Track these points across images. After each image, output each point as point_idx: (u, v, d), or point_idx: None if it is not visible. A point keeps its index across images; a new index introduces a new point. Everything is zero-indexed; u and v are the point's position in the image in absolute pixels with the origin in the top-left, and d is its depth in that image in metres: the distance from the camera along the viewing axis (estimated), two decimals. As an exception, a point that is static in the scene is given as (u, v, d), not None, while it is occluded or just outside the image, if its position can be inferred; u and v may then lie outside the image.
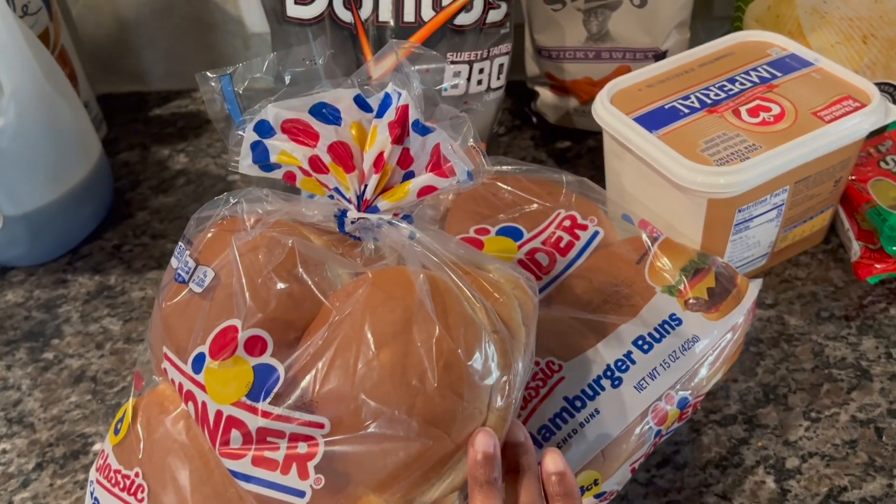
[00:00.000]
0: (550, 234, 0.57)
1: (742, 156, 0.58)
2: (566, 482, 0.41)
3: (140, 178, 0.86)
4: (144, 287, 0.73)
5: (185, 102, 0.96)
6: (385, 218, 0.46)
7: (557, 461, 0.42)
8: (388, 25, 0.64)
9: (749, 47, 0.69)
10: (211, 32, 0.94)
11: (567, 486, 0.41)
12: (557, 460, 0.42)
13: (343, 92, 0.46)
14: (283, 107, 0.45)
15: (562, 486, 0.41)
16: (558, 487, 0.41)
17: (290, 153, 0.45)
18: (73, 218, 0.76)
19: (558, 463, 0.41)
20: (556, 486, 0.41)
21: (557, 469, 0.41)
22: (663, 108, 0.63)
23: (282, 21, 0.65)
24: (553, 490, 0.41)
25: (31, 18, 0.79)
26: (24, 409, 0.63)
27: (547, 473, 0.41)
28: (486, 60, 0.66)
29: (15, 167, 0.69)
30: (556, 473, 0.41)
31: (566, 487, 0.41)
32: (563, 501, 0.40)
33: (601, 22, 0.73)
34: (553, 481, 0.41)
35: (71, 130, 0.74)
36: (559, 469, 0.41)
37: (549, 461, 0.42)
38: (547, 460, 0.42)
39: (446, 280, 0.43)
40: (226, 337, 0.42)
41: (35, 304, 0.72)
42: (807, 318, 0.64)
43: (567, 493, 0.41)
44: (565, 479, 0.41)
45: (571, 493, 0.41)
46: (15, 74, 0.67)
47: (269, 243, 0.45)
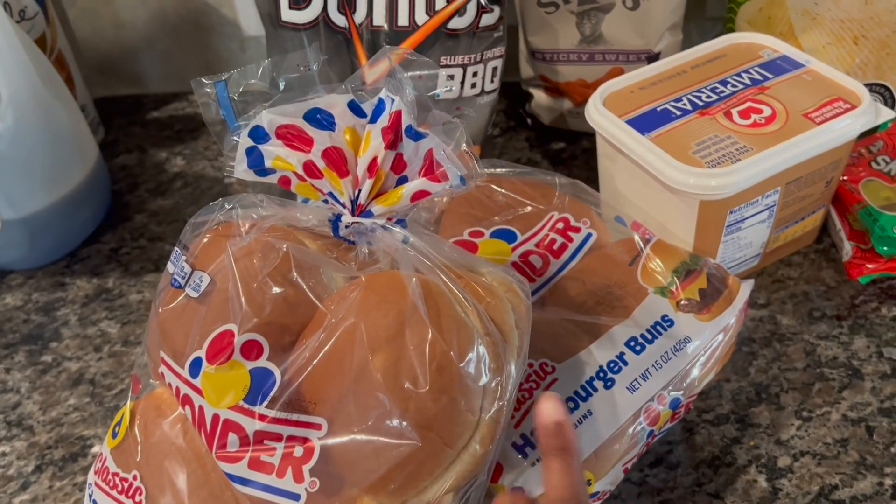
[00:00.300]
0: (544, 237, 0.58)
1: (733, 157, 0.58)
2: (564, 435, 0.40)
3: (138, 181, 0.86)
4: (142, 290, 0.73)
5: (182, 105, 0.97)
6: (379, 222, 0.47)
7: (557, 409, 0.41)
8: (383, 29, 0.65)
9: (741, 49, 0.69)
10: (207, 35, 0.94)
11: (565, 439, 0.40)
12: (557, 408, 0.41)
13: (337, 97, 0.47)
14: (277, 112, 0.46)
15: (560, 438, 0.40)
16: (556, 440, 0.40)
17: (284, 158, 0.46)
18: (71, 221, 0.76)
19: (558, 411, 0.40)
20: (552, 439, 0.40)
21: (557, 418, 0.40)
22: (655, 111, 0.64)
23: (276, 25, 0.65)
24: (550, 443, 0.40)
25: (28, 23, 0.80)
26: (24, 412, 0.64)
27: (545, 423, 0.40)
28: (479, 64, 0.66)
29: (13, 171, 0.69)
30: (556, 423, 0.40)
31: (564, 441, 0.40)
32: (561, 456, 0.39)
33: (594, 24, 0.74)
34: (550, 431, 0.40)
35: (68, 134, 0.74)
36: (558, 418, 0.40)
37: (548, 408, 0.41)
38: (545, 408, 0.41)
39: (439, 284, 0.43)
40: (222, 341, 0.43)
41: (34, 307, 0.73)
42: (799, 317, 0.64)
43: (564, 448, 0.40)
44: (563, 431, 0.40)
45: (568, 448, 0.40)
46: (12, 79, 0.67)
47: (263, 248, 0.46)
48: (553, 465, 0.39)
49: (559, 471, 0.39)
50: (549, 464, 0.39)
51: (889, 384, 0.59)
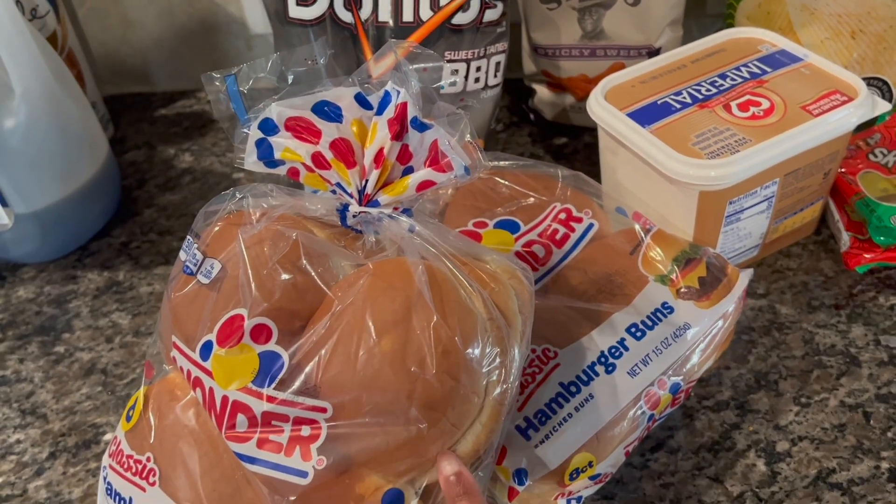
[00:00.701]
0: (546, 227, 0.59)
1: (732, 149, 0.60)
2: (464, 481, 0.42)
3: (147, 177, 0.87)
4: (152, 282, 0.75)
5: (189, 103, 0.98)
6: (385, 212, 0.48)
7: (453, 462, 0.43)
8: (388, 25, 0.66)
9: (740, 44, 0.70)
10: (214, 34, 0.96)
11: (466, 484, 0.42)
12: (453, 461, 0.43)
13: (344, 90, 0.48)
14: (286, 105, 0.47)
15: (460, 485, 0.42)
16: (458, 487, 0.42)
17: (293, 150, 0.47)
18: (82, 215, 0.78)
19: (454, 464, 0.42)
20: (455, 487, 0.42)
21: (454, 470, 0.42)
22: (656, 104, 0.65)
23: (284, 22, 0.66)
24: (453, 491, 0.42)
25: (40, 22, 0.81)
26: (37, 401, 0.65)
27: (445, 476, 0.42)
28: (483, 59, 0.68)
29: (25, 166, 0.71)
30: (454, 474, 0.42)
31: (465, 486, 0.42)
32: (466, 500, 0.42)
33: (595, 20, 0.75)
34: (452, 482, 0.42)
35: (79, 130, 0.76)
36: (455, 469, 0.42)
37: (445, 464, 0.42)
38: (443, 464, 0.43)
39: (444, 270, 0.45)
40: (232, 325, 0.44)
41: (46, 300, 0.74)
42: (798, 307, 0.65)
43: (467, 492, 0.42)
44: (462, 478, 0.42)
45: (471, 491, 0.42)
46: (25, 76, 0.69)
47: (273, 236, 0.47)
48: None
49: None
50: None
51: (886, 371, 0.60)
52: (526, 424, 0.50)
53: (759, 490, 0.54)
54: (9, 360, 0.69)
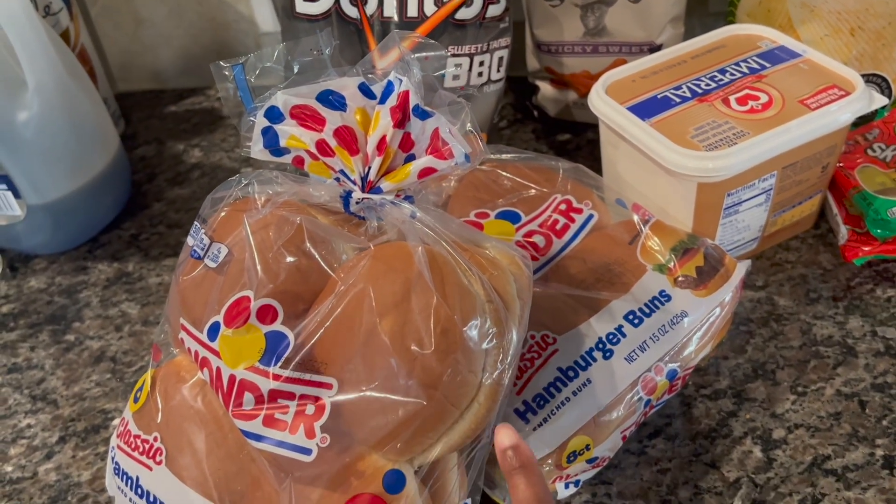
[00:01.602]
0: (547, 218, 0.60)
1: (730, 141, 0.61)
2: (521, 454, 0.43)
3: (156, 171, 0.89)
4: (161, 273, 0.76)
5: (199, 100, 1.00)
6: (388, 198, 0.49)
7: (511, 435, 0.43)
8: (392, 20, 0.67)
9: (740, 40, 0.71)
10: (224, 31, 0.97)
11: (523, 457, 0.43)
12: (511, 434, 0.43)
13: (348, 80, 0.50)
14: (291, 94, 0.48)
15: (518, 458, 0.43)
16: (515, 461, 0.42)
17: (298, 137, 0.48)
18: (93, 208, 0.79)
19: (511, 437, 0.43)
20: (512, 460, 0.42)
21: (512, 443, 0.43)
22: (656, 98, 0.66)
23: (291, 17, 0.68)
24: (510, 464, 0.42)
25: (53, 18, 0.83)
26: (48, 387, 0.66)
27: (502, 449, 0.43)
28: (486, 54, 0.69)
29: (38, 158, 0.72)
30: (511, 447, 0.43)
31: (522, 459, 0.43)
32: (522, 473, 0.42)
33: (598, 17, 0.76)
34: (509, 455, 0.43)
35: (91, 124, 0.77)
36: (513, 442, 0.43)
37: (503, 436, 0.43)
38: (500, 436, 0.43)
39: (444, 254, 0.46)
40: (239, 306, 0.45)
41: (57, 290, 0.76)
42: (796, 298, 0.66)
43: (523, 465, 0.42)
44: (520, 451, 0.43)
45: (528, 464, 0.42)
46: (39, 70, 0.70)
47: (279, 221, 0.48)
48: (517, 482, 0.42)
49: (524, 486, 0.42)
50: (513, 482, 0.42)
51: (882, 361, 0.61)
52: (524, 408, 0.51)
53: (755, 476, 0.55)
54: (20, 348, 0.70)
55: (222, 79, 0.51)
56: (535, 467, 0.43)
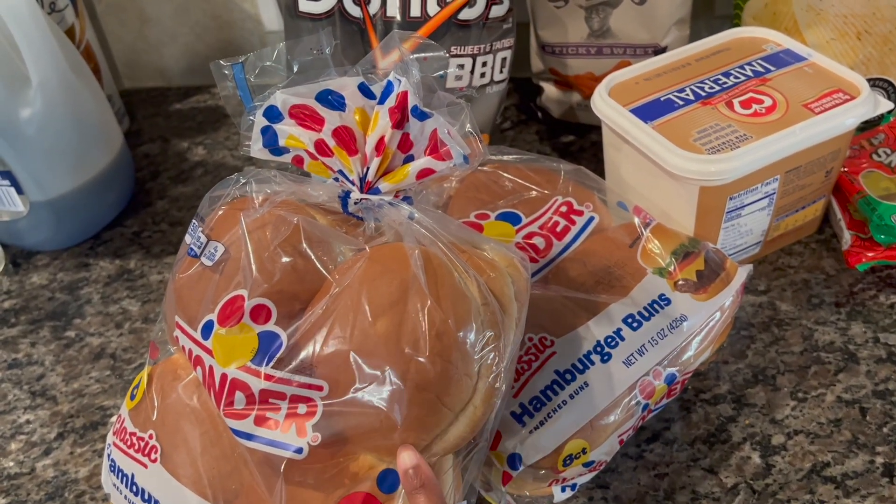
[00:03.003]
0: (548, 220, 0.60)
1: (733, 145, 0.60)
2: (421, 474, 0.43)
3: (160, 169, 0.89)
4: (162, 271, 0.76)
5: (203, 98, 1.00)
6: (386, 199, 0.49)
7: (412, 455, 0.43)
8: (395, 20, 0.67)
9: (745, 43, 0.71)
10: (229, 30, 0.97)
11: (423, 477, 0.43)
12: (411, 454, 0.43)
13: (348, 80, 0.49)
14: (290, 93, 0.48)
15: (418, 477, 0.43)
16: (415, 480, 0.43)
17: (297, 137, 0.48)
18: (96, 205, 0.79)
19: (412, 457, 0.43)
20: (413, 480, 0.43)
21: (412, 463, 0.43)
22: (659, 101, 0.65)
23: (294, 16, 0.68)
24: (411, 484, 0.43)
25: (58, 15, 0.83)
26: (47, 383, 0.67)
27: (404, 469, 0.43)
28: (488, 54, 0.69)
29: (41, 155, 0.72)
30: (412, 467, 0.43)
31: (422, 479, 0.43)
32: (423, 493, 0.42)
33: (602, 19, 0.76)
34: (410, 475, 0.43)
35: (95, 121, 0.77)
36: (414, 462, 0.43)
37: (405, 457, 0.43)
38: (402, 457, 0.43)
39: (440, 256, 0.45)
40: (233, 305, 0.45)
41: (58, 286, 0.76)
42: (798, 304, 0.66)
43: (423, 485, 0.43)
44: (420, 471, 0.43)
45: (428, 484, 0.43)
46: (42, 66, 0.70)
47: (276, 221, 0.48)
48: (419, 501, 0.42)
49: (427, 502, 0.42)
50: (414, 500, 0.43)
51: (884, 368, 0.60)
52: (521, 411, 0.51)
53: (754, 482, 0.54)
54: (21, 344, 0.70)
55: (222, 77, 0.51)
56: (436, 486, 0.43)
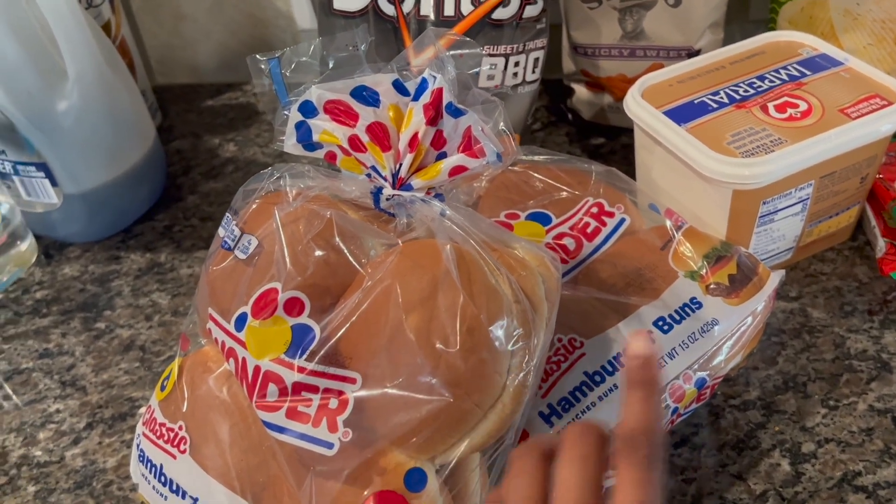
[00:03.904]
0: (578, 221, 0.60)
1: (767, 149, 0.60)
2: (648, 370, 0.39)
3: (191, 164, 0.90)
4: (192, 265, 0.77)
5: (236, 95, 1.01)
6: (418, 195, 0.49)
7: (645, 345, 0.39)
8: (429, 19, 0.67)
9: (780, 47, 0.70)
10: (262, 28, 0.98)
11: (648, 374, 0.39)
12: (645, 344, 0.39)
13: (383, 76, 0.50)
14: (325, 88, 0.48)
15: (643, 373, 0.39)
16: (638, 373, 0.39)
17: (331, 132, 0.49)
18: (128, 198, 0.80)
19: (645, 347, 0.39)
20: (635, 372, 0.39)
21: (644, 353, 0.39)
22: (692, 103, 0.65)
23: (328, 13, 0.68)
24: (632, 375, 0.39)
25: (95, 10, 0.84)
26: (77, 374, 0.67)
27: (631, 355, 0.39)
28: (521, 54, 0.68)
29: (76, 148, 0.73)
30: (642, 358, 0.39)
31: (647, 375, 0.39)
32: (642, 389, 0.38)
33: (636, 20, 0.76)
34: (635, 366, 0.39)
35: (129, 115, 0.78)
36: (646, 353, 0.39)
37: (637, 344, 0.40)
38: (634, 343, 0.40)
39: (472, 252, 0.45)
40: (267, 298, 0.45)
41: (90, 278, 0.77)
42: (830, 311, 0.65)
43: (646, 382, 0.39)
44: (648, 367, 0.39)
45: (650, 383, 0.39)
46: (79, 60, 0.71)
47: (309, 215, 0.48)
48: (634, 396, 0.39)
49: (639, 401, 0.39)
50: (631, 394, 0.39)
51: (918, 377, 0.60)
52: (549, 411, 0.51)
53: (783, 489, 0.54)
54: (52, 334, 0.71)
55: (258, 73, 0.51)
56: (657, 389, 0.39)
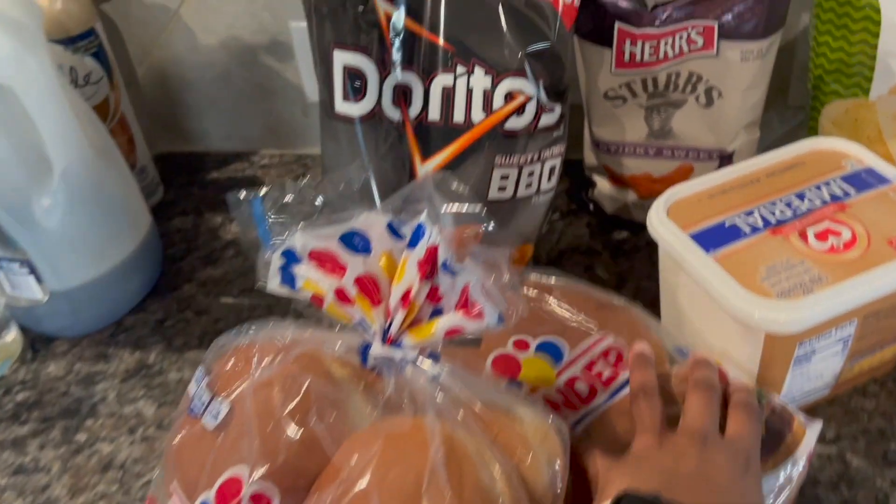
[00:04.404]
0: (593, 361, 0.54)
1: (806, 288, 0.54)
2: None
3: (191, 247, 0.85)
4: (182, 368, 0.72)
5: (242, 166, 0.96)
6: (409, 357, 0.44)
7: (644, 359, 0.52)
8: (438, 124, 0.62)
9: (822, 157, 0.64)
10: (271, 99, 0.94)
11: None
12: None
13: (376, 218, 0.45)
14: (311, 236, 0.43)
15: None
16: None
17: (315, 283, 0.44)
18: (119, 291, 0.76)
19: None
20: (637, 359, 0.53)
21: None
22: (723, 225, 0.59)
23: (330, 115, 0.63)
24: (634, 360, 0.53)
25: (92, 88, 0.80)
26: (52, 496, 0.63)
27: None
28: (536, 163, 0.63)
29: (61, 246, 0.69)
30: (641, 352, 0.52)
31: None
32: None
33: (664, 119, 0.70)
34: None
35: (120, 207, 0.74)
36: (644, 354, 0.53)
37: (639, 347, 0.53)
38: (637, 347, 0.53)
39: (466, 444, 0.40)
40: (231, 489, 0.40)
41: (75, 379, 0.72)
42: (871, 458, 0.59)
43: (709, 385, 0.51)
44: None
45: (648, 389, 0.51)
46: (66, 155, 0.67)
47: (285, 381, 0.43)
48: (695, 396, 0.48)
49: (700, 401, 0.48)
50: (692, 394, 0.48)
51: (971, 549, 0.53)
52: None
53: None
54: (30, 446, 0.67)
55: (238, 206, 0.46)
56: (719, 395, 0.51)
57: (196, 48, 0.91)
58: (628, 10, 0.64)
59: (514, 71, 0.60)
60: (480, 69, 0.60)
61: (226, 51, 0.90)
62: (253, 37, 0.89)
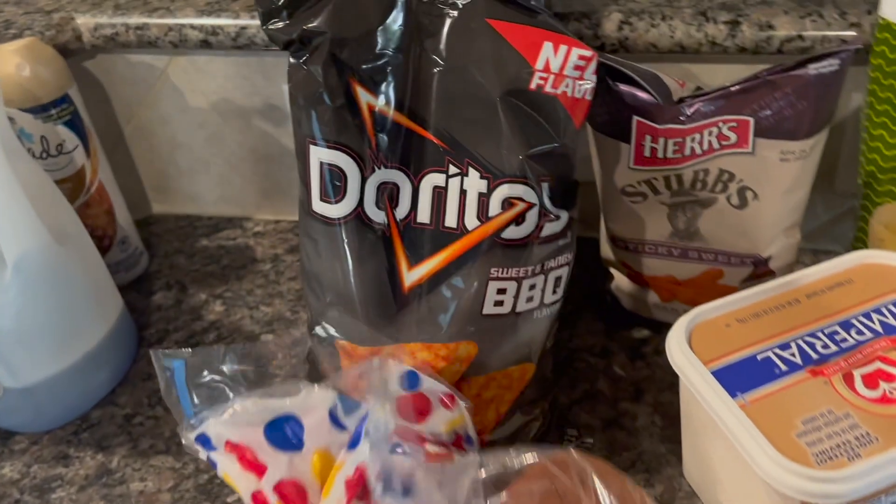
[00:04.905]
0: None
1: (851, 452, 0.45)
2: None
3: (170, 328, 0.79)
4: (145, 477, 0.65)
5: (234, 234, 0.90)
6: None
7: None
8: (428, 227, 0.54)
9: (873, 274, 0.55)
10: (266, 163, 0.87)
11: None
12: None
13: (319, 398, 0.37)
14: (228, 424, 0.36)
15: None
16: None
17: (232, 478, 0.36)
18: (84, 386, 0.69)
19: None
20: None
21: None
22: (755, 360, 0.51)
23: (307, 213, 0.56)
24: None
25: (66, 157, 0.74)
26: None
27: None
28: (538, 276, 0.55)
29: (17, 344, 0.63)
30: None
31: None
32: None
33: (690, 219, 0.61)
34: None
35: (84, 293, 0.67)
36: None
37: None
38: None
39: None
40: None
41: (29, 485, 0.66)
42: None
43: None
44: None
45: None
46: (19, 243, 0.60)
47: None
48: None
49: None
50: None
51: None
52: None
53: None
54: (-30, 568, 0.60)
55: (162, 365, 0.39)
56: None
57: (185, 109, 0.84)
58: (648, 104, 0.55)
59: (513, 177, 0.52)
60: (475, 172, 0.52)
61: (217, 112, 0.84)
62: (246, 99, 0.82)
